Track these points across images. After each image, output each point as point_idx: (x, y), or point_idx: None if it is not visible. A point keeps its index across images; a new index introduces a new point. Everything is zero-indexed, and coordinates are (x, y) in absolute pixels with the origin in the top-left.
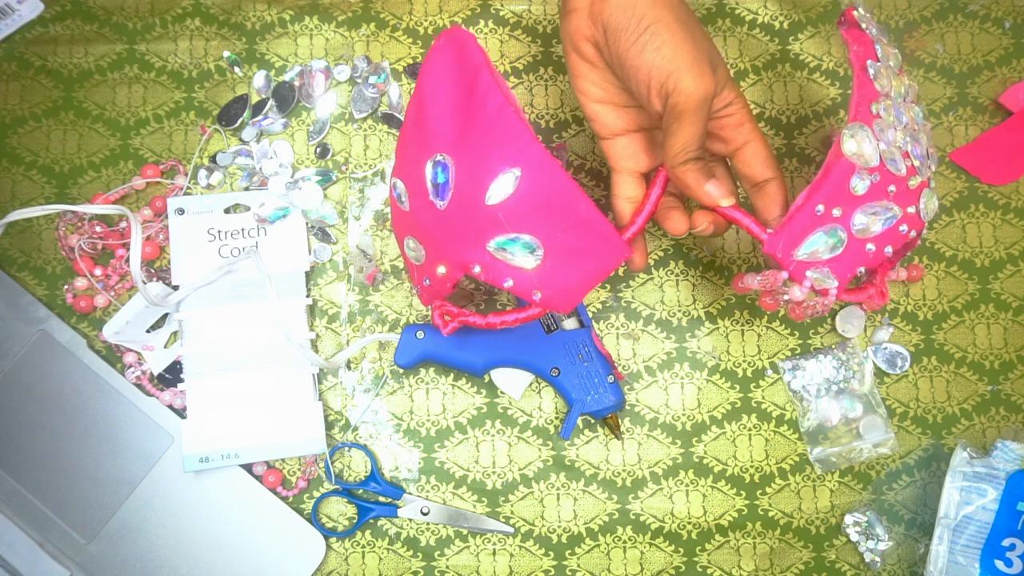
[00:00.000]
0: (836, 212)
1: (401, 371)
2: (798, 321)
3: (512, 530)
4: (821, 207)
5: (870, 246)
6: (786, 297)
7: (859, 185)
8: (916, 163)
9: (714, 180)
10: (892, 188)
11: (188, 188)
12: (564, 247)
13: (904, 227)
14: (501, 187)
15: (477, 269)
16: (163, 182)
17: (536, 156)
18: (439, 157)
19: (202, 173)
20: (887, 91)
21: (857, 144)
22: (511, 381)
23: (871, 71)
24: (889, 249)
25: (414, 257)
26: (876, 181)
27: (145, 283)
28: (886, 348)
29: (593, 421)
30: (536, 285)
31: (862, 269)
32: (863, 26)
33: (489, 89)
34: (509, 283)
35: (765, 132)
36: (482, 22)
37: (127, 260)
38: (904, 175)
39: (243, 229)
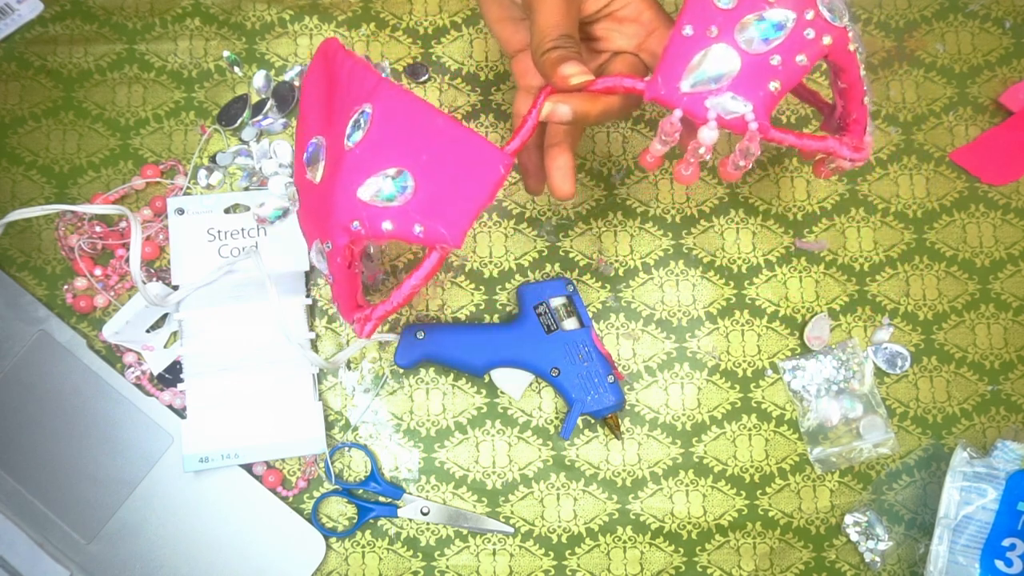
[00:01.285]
0: (712, 32)
1: (401, 371)
2: (728, 180)
3: (512, 530)
4: (689, 28)
5: (774, 59)
6: (701, 150)
7: None
8: None
9: (572, 61)
10: None
11: (188, 188)
12: (433, 171)
13: (809, 31)
14: (357, 127)
15: (356, 225)
16: (163, 182)
17: (383, 87)
18: (313, 140)
19: (202, 173)
20: None
21: None
22: (511, 381)
23: None
24: (802, 59)
25: (318, 261)
26: None
27: (145, 283)
28: (886, 348)
29: (593, 421)
30: (414, 219)
31: (775, 84)
32: None
33: (342, 60)
34: (387, 226)
35: None
36: (482, 22)
37: (127, 260)
38: None
39: (243, 229)
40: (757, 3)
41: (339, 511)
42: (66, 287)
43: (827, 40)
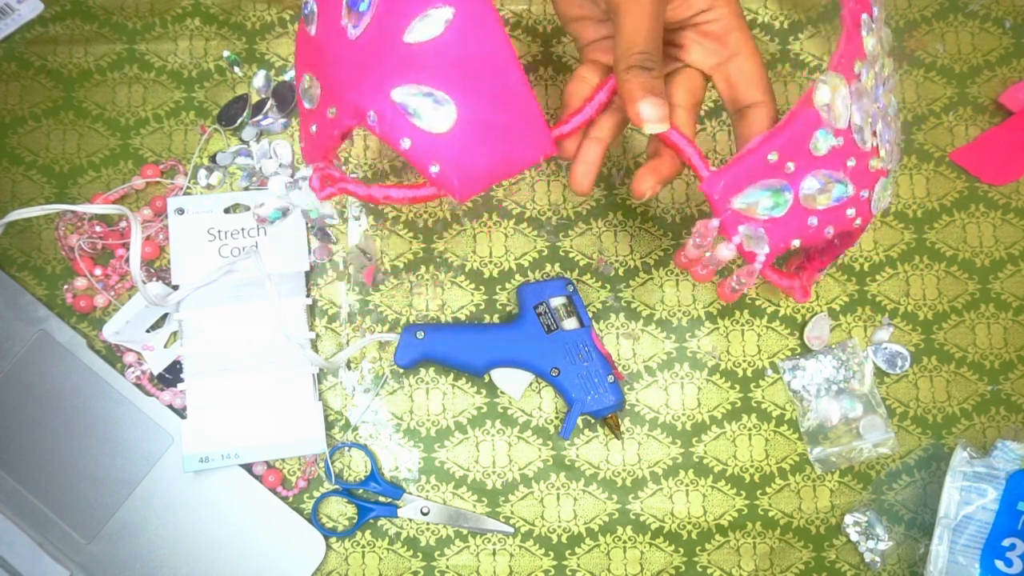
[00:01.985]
0: (790, 167)
1: (401, 371)
2: (725, 301)
3: (512, 530)
4: (775, 155)
5: (812, 219)
6: (709, 253)
7: (821, 144)
8: (883, 147)
9: (655, 98)
10: (852, 162)
11: (188, 188)
12: (481, 119)
13: (851, 211)
14: (426, 26)
15: (373, 118)
16: (163, 182)
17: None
18: None
19: (202, 173)
20: (874, 56)
21: (831, 95)
22: (511, 381)
23: (864, 29)
24: (830, 230)
25: (307, 98)
26: (838, 146)
27: (145, 283)
28: (886, 348)
29: (593, 421)
30: (436, 156)
31: (797, 242)
32: None
33: None
34: (406, 143)
35: None
36: None
37: (127, 260)
38: (868, 152)
39: (243, 229)
40: (839, 162)
41: (339, 511)
42: (66, 287)
43: (858, 222)
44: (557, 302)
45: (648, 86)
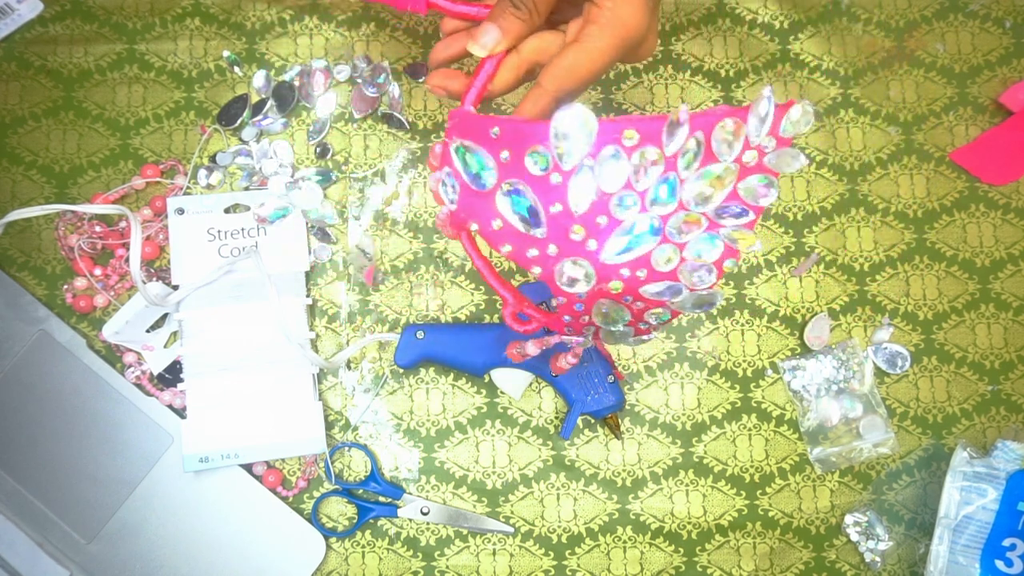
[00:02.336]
0: (504, 155)
1: (401, 371)
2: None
3: (512, 530)
4: (497, 130)
5: (496, 222)
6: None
7: (533, 161)
8: (610, 247)
9: (496, 29)
10: (556, 208)
11: (188, 188)
12: None
13: (533, 251)
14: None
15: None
16: (163, 182)
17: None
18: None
19: (202, 173)
20: (684, 164)
21: (578, 123)
22: (511, 381)
23: (677, 135)
24: (506, 248)
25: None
26: (555, 182)
27: (145, 283)
28: (886, 348)
29: (593, 421)
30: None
31: (474, 227)
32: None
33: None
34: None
35: None
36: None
37: (127, 260)
38: (582, 216)
39: (243, 229)
40: (542, 193)
41: (339, 511)
42: (66, 287)
43: (536, 271)
44: (556, 302)
45: (500, 16)
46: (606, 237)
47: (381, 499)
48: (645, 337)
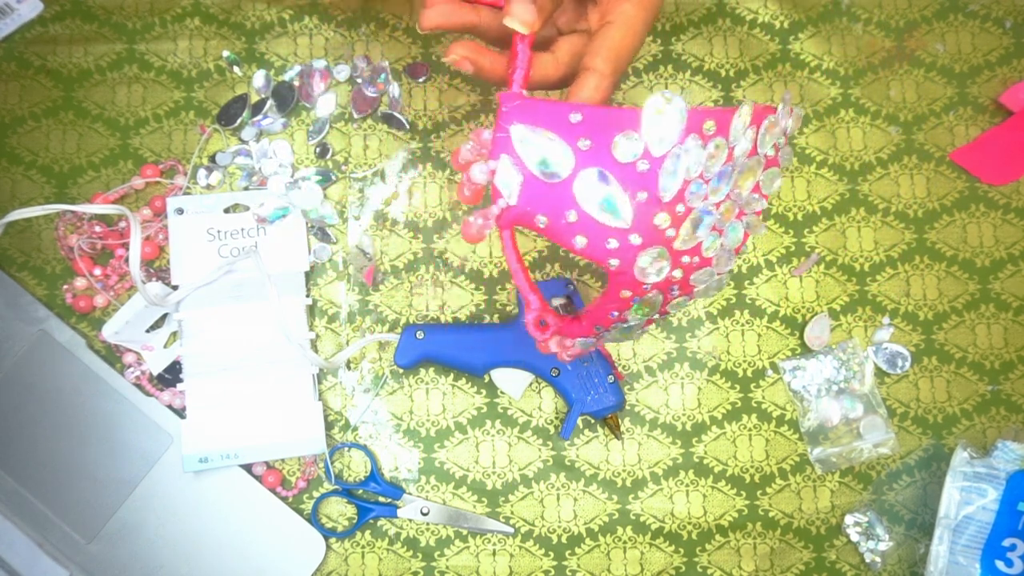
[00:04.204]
0: (583, 144)
1: (401, 371)
2: (466, 238)
3: (512, 530)
4: (578, 116)
5: (571, 213)
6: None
7: (623, 146)
8: (685, 228)
9: (532, 5)
10: (643, 196)
11: (188, 188)
12: None
13: (613, 242)
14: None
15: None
16: (163, 182)
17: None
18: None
19: (201, 173)
20: (739, 154)
21: (664, 108)
22: (511, 381)
23: (739, 122)
24: (581, 242)
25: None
26: (644, 169)
27: (145, 283)
28: (886, 348)
29: (593, 421)
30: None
31: (543, 221)
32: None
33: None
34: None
35: None
36: None
37: (126, 260)
38: (664, 203)
39: (243, 229)
40: (626, 181)
41: (339, 511)
42: (66, 287)
43: (613, 263)
44: (557, 302)
45: None
46: (679, 225)
47: (381, 499)
48: (646, 327)
